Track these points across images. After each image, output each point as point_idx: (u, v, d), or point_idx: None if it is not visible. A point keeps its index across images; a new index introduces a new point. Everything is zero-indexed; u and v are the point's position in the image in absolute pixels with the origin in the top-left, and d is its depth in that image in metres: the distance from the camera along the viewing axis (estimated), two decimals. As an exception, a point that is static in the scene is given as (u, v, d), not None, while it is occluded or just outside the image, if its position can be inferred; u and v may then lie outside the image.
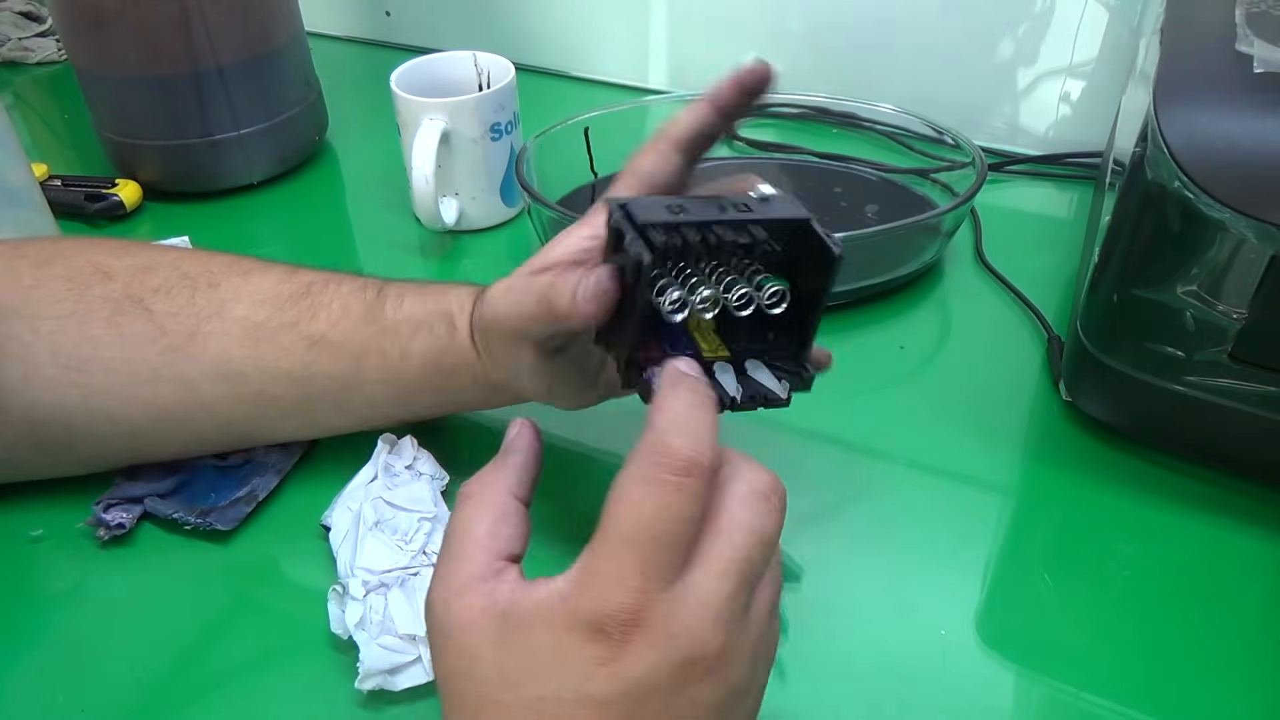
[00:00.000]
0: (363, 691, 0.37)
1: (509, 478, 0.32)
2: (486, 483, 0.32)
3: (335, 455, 0.48)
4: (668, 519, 0.27)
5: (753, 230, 0.33)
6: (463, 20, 0.94)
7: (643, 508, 0.27)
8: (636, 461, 0.28)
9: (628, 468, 0.28)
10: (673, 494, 0.27)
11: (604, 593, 0.27)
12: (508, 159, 0.67)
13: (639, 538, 0.27)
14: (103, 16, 0.65)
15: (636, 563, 0.26)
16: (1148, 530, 0.45)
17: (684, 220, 0.32)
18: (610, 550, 0.27)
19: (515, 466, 0.33)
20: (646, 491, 0.27)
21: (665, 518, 0.27)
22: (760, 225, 0.33)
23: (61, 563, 0.44)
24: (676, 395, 0.29)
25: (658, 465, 0.27)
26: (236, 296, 0.44)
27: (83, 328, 0.43)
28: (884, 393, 0.54)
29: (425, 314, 0.43)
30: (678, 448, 0.27)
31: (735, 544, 0.28)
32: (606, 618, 0.26)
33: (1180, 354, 0.43)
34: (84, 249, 0.46)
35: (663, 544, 0.27)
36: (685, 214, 0.33)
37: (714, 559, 0.28)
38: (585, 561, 0.27)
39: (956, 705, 0.38)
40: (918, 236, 0.60)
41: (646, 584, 0.26)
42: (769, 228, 0.34)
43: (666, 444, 0.27)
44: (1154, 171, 0.41)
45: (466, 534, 0.30)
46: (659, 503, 0.27)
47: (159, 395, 0.43)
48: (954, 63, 0.77)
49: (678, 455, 0.27)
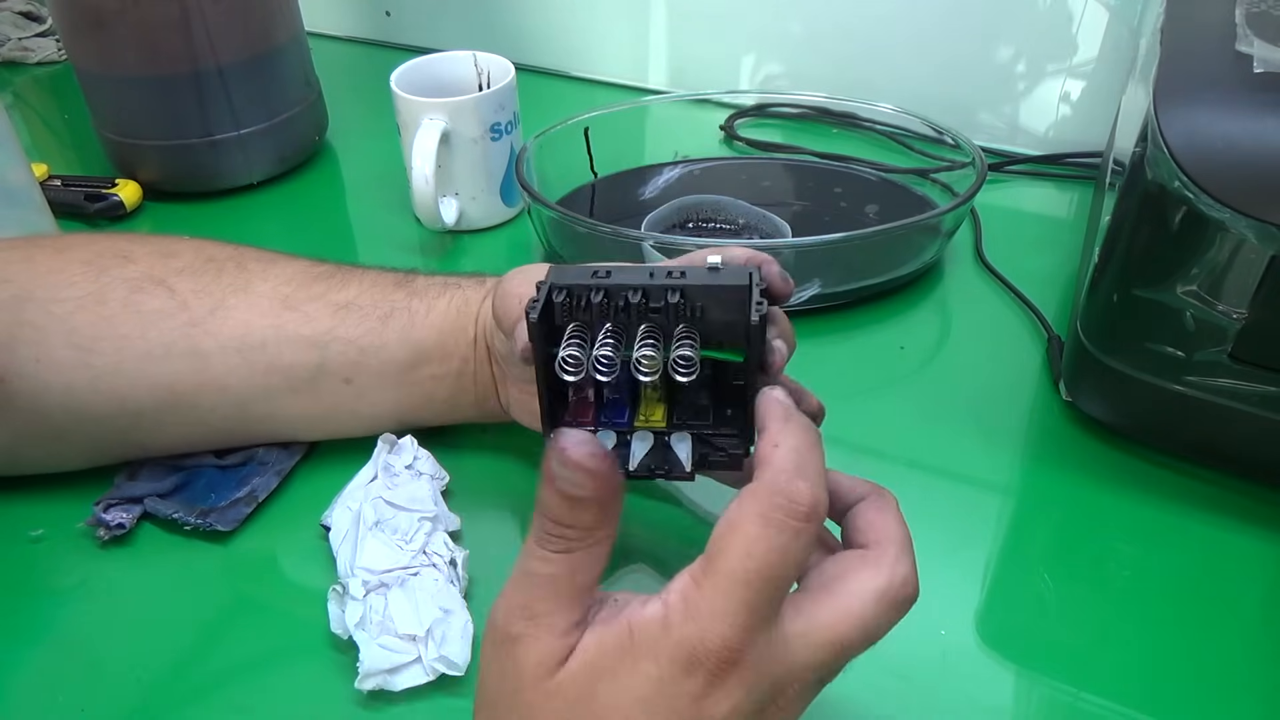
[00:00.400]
0: (362, 691, 0.37)
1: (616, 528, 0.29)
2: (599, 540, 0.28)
3: (335, 455, 0.48)
4: (784, 563, 0.26)
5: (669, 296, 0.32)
6: (463, 20, 0.94)
7: (760, 547, 0.26)
8: (756, 498, 0.27)
9: (745, 502, 0.27)
10: (791, 539, 0.27)
11: (710, 626, 0.26)
12: (508, 159, 0.67)
13: (752, 577, 0.26)
14: (103, 16, 0.65)
15: (746, 601, 0.26)
16: (1148, 530, 0.45)
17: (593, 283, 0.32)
18: (721, 585, 0.26)
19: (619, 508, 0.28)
20: (765, 532, 0.26)
21: (782, 561, 0.26)
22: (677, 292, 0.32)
23: (61, 563, 0.44)
24: (793, 433, 0.29)
25: (780, 507, 0.27)
26: (264, 275, 0.45)
27: (100, 306, 0.43)
28: (884, 393, 0.54)
29: (458, 280, 0.47)
30: (802, 491, 0.27)
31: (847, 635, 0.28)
32: (708, 653, 0.26)
33: (1180, 354, 0.43)
34: (104, 237, 0.47)
35: (774, 586, 0.27)
36: (599, 278, 0.33)
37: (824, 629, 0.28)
38: (688, 591, 0.27)
39: (956, 705, 0.38)
40: (918, 236, 0.60)
41: (752, 623, 0.26)
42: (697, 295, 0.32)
43: (792, 487, 0.27)
44: (1154, 171, 0.41)
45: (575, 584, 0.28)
46: (777, 545, 0.26)
47: (169, 371, 0.43)
48: (954, 63, 0.77)
49: (801, 499, 0.27)
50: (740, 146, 0.78)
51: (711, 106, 0.81)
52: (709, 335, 0.33)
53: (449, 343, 0.45)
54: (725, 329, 0.33)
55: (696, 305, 0.32)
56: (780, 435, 0.29)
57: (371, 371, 0.45)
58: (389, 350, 0.45)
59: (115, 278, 0.44)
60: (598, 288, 0.32)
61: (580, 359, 0.31)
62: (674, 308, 0.32)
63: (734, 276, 0.32)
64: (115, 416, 0.44)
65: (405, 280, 0.47)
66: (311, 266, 0.47)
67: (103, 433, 0.45)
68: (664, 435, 0.34)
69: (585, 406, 0.34)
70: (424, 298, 0.46)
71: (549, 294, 0.32)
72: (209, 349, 0.44)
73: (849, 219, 0.68)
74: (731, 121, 0.80)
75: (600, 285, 0.32)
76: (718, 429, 0.34)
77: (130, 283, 0.44)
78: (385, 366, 0.45)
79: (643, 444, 0.34)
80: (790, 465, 0.28)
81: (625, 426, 0.34)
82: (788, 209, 0.69)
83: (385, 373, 0.45)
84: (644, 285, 0.32)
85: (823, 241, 0.55)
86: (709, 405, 0.34)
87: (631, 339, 0.32)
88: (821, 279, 0.58)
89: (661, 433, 0.34)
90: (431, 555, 0.41)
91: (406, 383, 0.46)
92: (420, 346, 0.45)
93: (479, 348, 0.45)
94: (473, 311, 0.45)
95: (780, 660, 0.27)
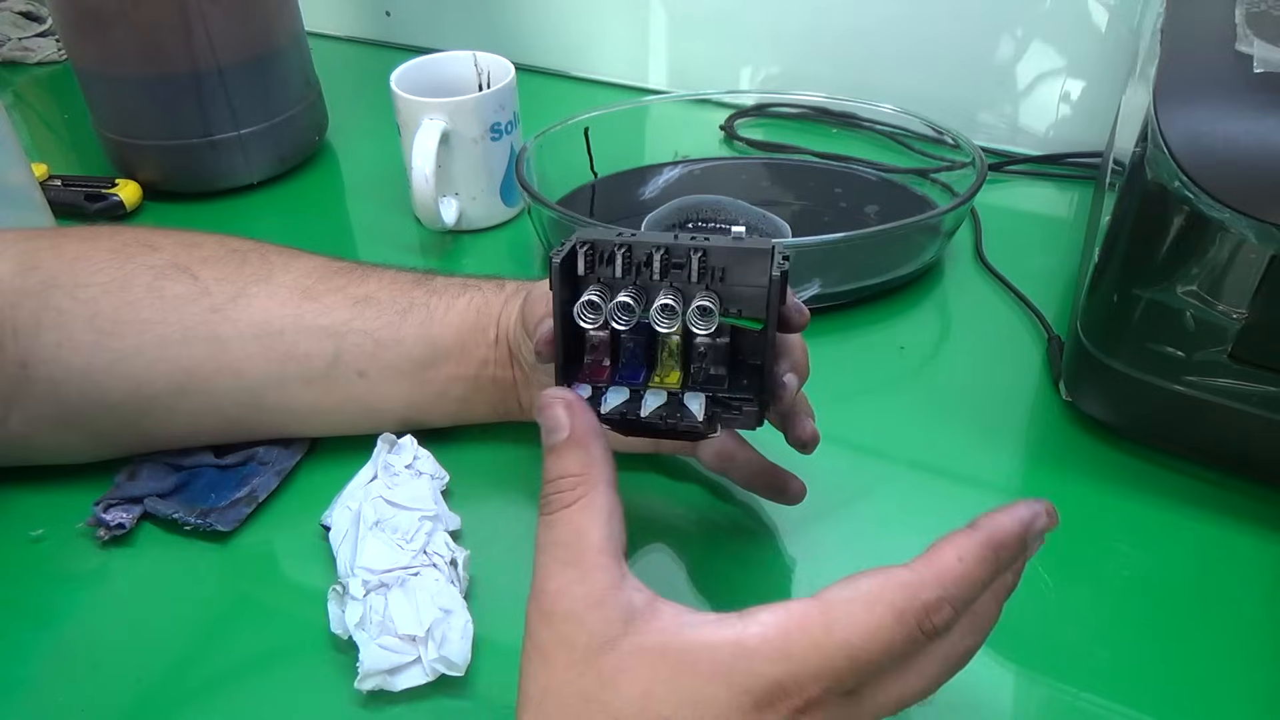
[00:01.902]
0: (362, 692, 0.37)
1: (607, 472, 0.30)
2: (589, 481, 0.29)
3: (335, 455, 0.48)
4: (892, 657, 0.27)
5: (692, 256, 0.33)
6: (463, 20, 0.94)
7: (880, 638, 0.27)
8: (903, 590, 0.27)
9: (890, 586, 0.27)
10: (908, 644, 0.27)
11: (796, 672, 0.26)
12: (508, 159, 0.67)
13: (862, 658, 0.26)
14: (103, 16, 0.65)
15: (843, 673, 0.26)
16: (1148, 530, 0.45)
17: (618, 240, 0.33)
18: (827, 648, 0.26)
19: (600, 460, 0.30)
20: (894, 629, 0.27)
21: (891, 655, 0.27)
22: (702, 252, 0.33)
23: (61, 563, 0.44)
24: (983, 563, 0.28)
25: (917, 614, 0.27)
26: (287, 267, 0.46)
27: (124, 292, 0.43)
28: (884, 393, 0.54)
29: (477, 281, 0.47)
30: (945, 615, 0.27)
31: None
32: (786, 696, 0.26)
33: (1180, 354, 0.43)
34: (129, 228, 0.48)
35: (874, 672, 0.27)
36: (623, 237, 0.33)
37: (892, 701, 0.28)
38: (788, 630, 0.27)
39: (956, 706, 0.38)
40: (918, 236, 0.60)
41: (837, 688, 0.27)
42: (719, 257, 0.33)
43: (938, 602, 0.27)
44: (1154, 171, 0.41)
45: (585, 542, 0.29)
46: (896, 642, 0.27)
47: (186, 355, 0.44)
48: (954, 63, 0.77)
49: (939, 619, 0.27)
50: (740, 146, 0.78)
51: (711, 106, 0.81)
52: (729, 301, 0.33)
53: (469, 343, 0.45)
54: (745, 295, 0.33)
55: (718, 267, 0.33)
56: (969, 551, 0.28)
57: (387, 365, 0.45)
58: (405, 345, 0.45)
59: (140, 265, 0.44)
60: (622, 244, 0.33)
61: (600, 307, 0.32)
62: (696, 265, 0.33)
63: (757, 243, 0.33)
64: (129, 401, 0.44)
65: (424, 279, 0.47)
66: (332, 262, 0.48)
67: (115, 419, 0.45)
68: (678, 395, 0.34)
69: (600, 369, 0.35)
70: (443, 296, 0.46)
71: (574, 246, 0.33)
72: (228, 335, 0.44)
73: (849, 219, 0.68)
74: (731, 121, 0.80)
75: (624, 243, 0.33)
76: (733, 393, 0.34)
77: (155, 269, 0.44)
78: (401, 361, 0.45)
79: (656, 397, 0.34)
80: (953, 582, 0.28)
81: (639, 385, 0.35)
82: (788, 209, 0.69)
83: (400, 368, 0.45)
84: (666, 243, 0.33)
85: (823, 241, 0.55)
86: (724, 376, 0.35)
87: (652, 300, 0.33)
88: (821, 279, 0.58)
89: (676, 393, 0.34)
90: (432, 555, 0.41)
91: (421, 379, 0.46)
92: (438, 344, 0.45)
93: (500, 349, 0.45)
94: (494, 313, 0.45)
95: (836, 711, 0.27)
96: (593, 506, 0.29)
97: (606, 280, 0.34)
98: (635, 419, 0.33)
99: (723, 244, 0.33)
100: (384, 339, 0.45)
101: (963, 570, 0.28)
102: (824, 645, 0.26)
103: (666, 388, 0.35)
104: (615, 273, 0.33)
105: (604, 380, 0.34)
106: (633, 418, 0.33)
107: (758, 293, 0.33)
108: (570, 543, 0.28)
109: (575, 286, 0.34)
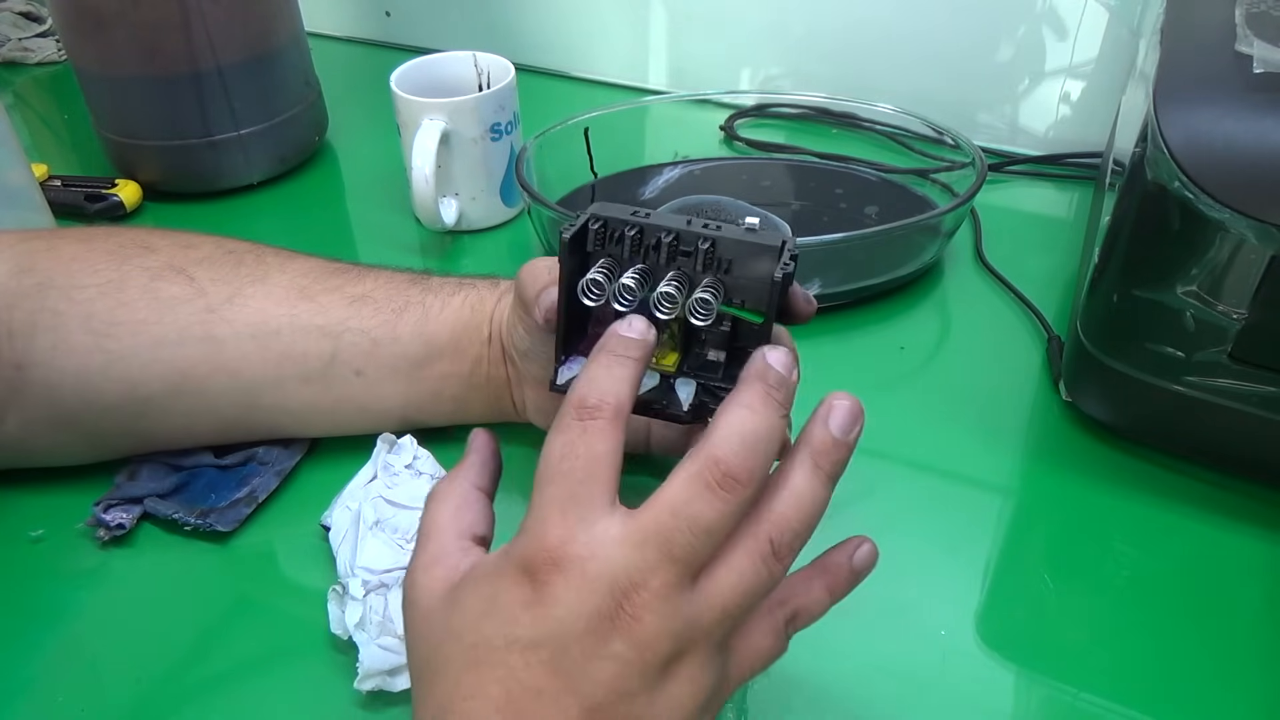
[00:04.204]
0: (361, 692, 0.37)
1: (469, 473, 0.35)
2: (449, 479, 0.34)
3: (335, 455, 0.48)
4: (584, 458, 0.28)
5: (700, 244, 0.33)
6: (463, 20, 0.94)
7: (555, 450, 0.28)
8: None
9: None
10: (572, 434, 0.28)
11: (534, 533, 0.28)
12: (508, 159, 0.67)
13: (556, 476, 0.28)
14: (103, 16, 0.65)
15: (561, 499, 0.28)
16: (1148, 530, 0.45)
17: (630, 220, 0.34)
18: (537, 497, 0.28)
19: (474, 464, 0.35)
20: (557, 436, 0.29)
21: (578, 455, 0.28)
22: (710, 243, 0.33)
23: (61, 563, 0.44)
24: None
25: (568, 414, 0.29)
26: (283, 268, 0.46)
27: (120, 293, 0.43)
28: (884, 393, 0.54)
29: (473, 280, 0.48)
30: (589, 396, 0.29)
31: (658, 518, 0.27)
32: (531, 560, 0.27)
33: (1180, 354, 0.43)
34: (127, 229, 0.48)
35: (577, 480, 0.28)
36: (637, 217, 0.34)
37: (635, 527, 0.27)
38: (531, 520, 0.29)
39: (956, 706, 0.38)
40: (918, 236, 0.60)
41: (568, 524, 0.27)
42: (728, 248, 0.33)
43: (580, 395, 0.29)
44: (1154, 171, 0.41)
45: (432, 521, 0.33)
46: (567, 441, 0.28)
47: (182, 357, 0.44)
48: (954, 63, 0.77)
49: (588, 401, 0.29)
50: (740, 146, 0.78)
51: (711, 106, 0.81)
52: (733, 292, 0.33)
53: (462, 340, 0.45)
54: (749, 288, 0.33)
55: (726, 258, 0.33)
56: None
57: (383, 364, 0.45)
58: (402, 344, 0.45)
59: (136, 266, 0.44)
60: (633, 224, 0.33)
61: (603, 286, 0.33)
62: (703, 254, 0.33)
63: (768, 238, 0.33)
64: (124, 404, 0.44)
65: (420, 278, 0.47)
66: (328, 263, 0.48)
67: (110, 421, 0.45)
68: (670, 379, 0.35)
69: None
70: (438, 294, 0.46)
71: (586, 221, 0.33)
72: (224, 335, 0.44)
73: (849, 219, 0.68)
74: (731, 121, 0.80)
75: (636, 223, 0.33)
76: (724, 384, 0.35)
77: (151, 271, 0.44)
78: (397, 360, 0.45)
79: (649, 379, 0.35)
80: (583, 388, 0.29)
81: None
82: (788, 209, 0.69)
83: (397, 366, 0.45)
84: (678, 229, 0.33)
85: (823, 242, 0.55)
86: (720, 363, 0.35)
87: (658, 281, 0.33)
88: (821, 279, 0.58)
89: (668, 376, 0.35)
90: (431, 555, 0.41)
91: (417, 378, 0.46)
92: (433, 342, 0.45)
93: (493, 346, 0.45)
94: (487, 310, 0.46)
95: (603, 559, 0.27)
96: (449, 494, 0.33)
97: (616, 257, 0.34)
98: None
99: (733, 235, 0.33)
100: (380, 338, 0.45)
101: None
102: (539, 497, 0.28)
103: (662, 369, 0.35)
104: (624, 252, 0.34)
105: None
106: None
107: (762, 287, 0.33)
108: (424, 523, 0.33)
109: (584, 261, 0.34)
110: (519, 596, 0.27)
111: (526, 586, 0.27)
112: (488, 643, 0.27)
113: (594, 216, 0.34)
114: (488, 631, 0.28)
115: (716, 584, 0.28)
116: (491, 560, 0.29)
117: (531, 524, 0.28)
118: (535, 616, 0.27)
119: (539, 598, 0.27)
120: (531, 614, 0.27)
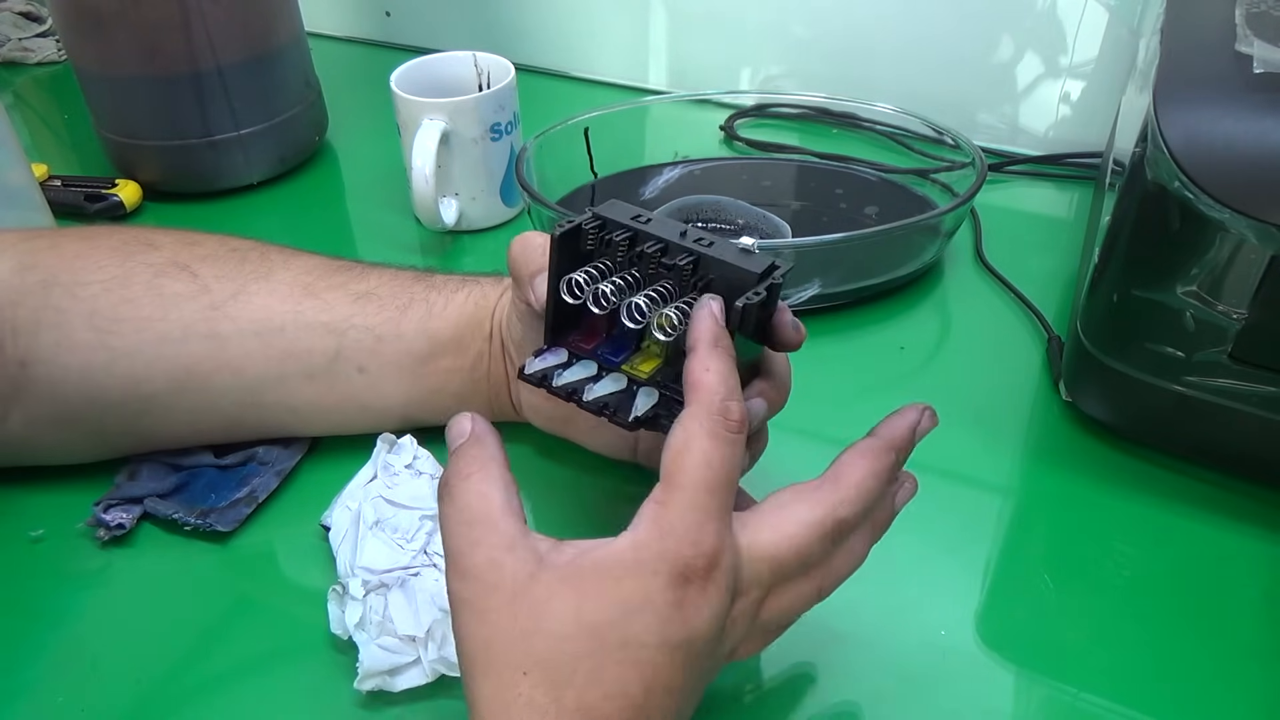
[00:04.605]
0: (362, 692, 0.37)
1: (501, 458, 0.32)
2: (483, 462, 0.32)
3: (335, 455, 0.48)
4: (734, 469, 0.30)
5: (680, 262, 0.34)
6: (463, 20, 0.94)
7: (716, 457, 0.29)
8: (699, 419, 0.30)
9: (690, 424, 0.30)
10: (734, 449, 0.30)
11: (691, 538, 0.29)
12: (508, 159, 0.67)
13: (715, 484, 0.29)
14: (103, 16, 0.65)
15: (715, 508, 0.29)
16: (1148, 530, 0.45)
17: (626, 224, 0.34)
18: (689, 498, 0.29)
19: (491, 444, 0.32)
20: (716, 444, 0.30)
21: (733, 467, 0.30)
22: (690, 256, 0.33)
23: (61, 563, 0.44)
24: (720, 358, 0.31)
25: (720, 423, 0.30)
26: (287, 265, 0.46)
27: (123, 289, 0.43)
28: (884, 393, 0.54)
29: (477, 277, 0.48)
30: (735, 410, 0.30)
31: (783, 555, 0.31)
32: (692, 563, 0.28)
33: (1180, 354, 0.43)
34: (130, 227, 0.48)
35: (730, 490, 0.30)
36: (638, 222, 0.34)
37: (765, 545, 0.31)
38: (659, 513, 0.29)
39: (956, 706, 0.38)
40: (918, 236, 0.60)
41: (722, 528, 0.29)
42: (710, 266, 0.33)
43: (726, 405, 0.30)
44: (1154, 171, 0.41)
45: (489, 504, 0.30)
46: (727, 455, 0.30)
47: (186, 353, 0.44)
48: (954, 63, 0.77)
49: (735, 416, 0.30)
50: (740, 146, 0.78)
51: (711, 106, 0.81)
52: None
53: (465, 336, 0.46)
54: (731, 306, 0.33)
55: (708, 276, 0.33)
56: (710, 359, 0.31)
57: (387, 361, 0.45)
58: (405, 340, 0.45)
59: (140, 263, 0.44)
60: (627, 229, 0.34)
61: (584, 287, 0.33)
62: (683, 270, 0.34)
63: (754, 262, 0.33)
64: (128, 401, 0.44)
65: (424, 275, 0.48)
66: (332, 260, 0.48)
67: (114, 418, 0.45)
68: (635, 385, 0.35)
69: (592, 335, 0.36)
70: (442, 291, 0.46)
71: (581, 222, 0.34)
72: (227, 332, 0.44)
73: (849, 219, 0.68)
74: (731, 122, 0.80)
75: (631, 228, 0.34)
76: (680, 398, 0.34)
77: (154, 267, 0.44)
78: (401, 357, 0.45)
79: (611, 383, 0.35)
80: (722, 386, 0.31)
81: (613, 365, 0.36)
82: (788, 209, 0.69)
83: (401, 363, 0.45)
84: (666, 240, 0.33)
85: (823, 242, 0.55)
86: None
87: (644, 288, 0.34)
88: (821, 279, 0.58)
89: (636, 381, 0.35)
90: (432, 555, 0.41)
91: (420, 374, 0.46)
92: (437, 338, 0.45)
93: (494, 342, 0.45)
94: (490, 306, 0.46)
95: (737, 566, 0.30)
96: (490, 477, 0.31)
97: (610, 258, 0.34)
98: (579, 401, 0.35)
99: (721, 254, 0.33)
100: (385, 334, 0.45)
101: (718, 373, 0.31)
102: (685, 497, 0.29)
103: (637, 374, 0.35)
104: (615, 256, 0.34)
105: (588, 350, 0.35)
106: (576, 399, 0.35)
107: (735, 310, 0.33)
108: (474, 505, 0.30)
109: (578, 258, 0.34)
110: (672, 598, 0.28)
111: (680, 588, 0.28)
112: (638, 640, 0.28)
113: (593, 215, 0.34)
114: (637, 629, 0.28)
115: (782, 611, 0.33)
116: (630, 557, 0.29)
117: (684, 528, 0.29)
118: (686, 618, 0.28)
119: (690, 599, 0.28)
120: (683, 614, 0.28)
